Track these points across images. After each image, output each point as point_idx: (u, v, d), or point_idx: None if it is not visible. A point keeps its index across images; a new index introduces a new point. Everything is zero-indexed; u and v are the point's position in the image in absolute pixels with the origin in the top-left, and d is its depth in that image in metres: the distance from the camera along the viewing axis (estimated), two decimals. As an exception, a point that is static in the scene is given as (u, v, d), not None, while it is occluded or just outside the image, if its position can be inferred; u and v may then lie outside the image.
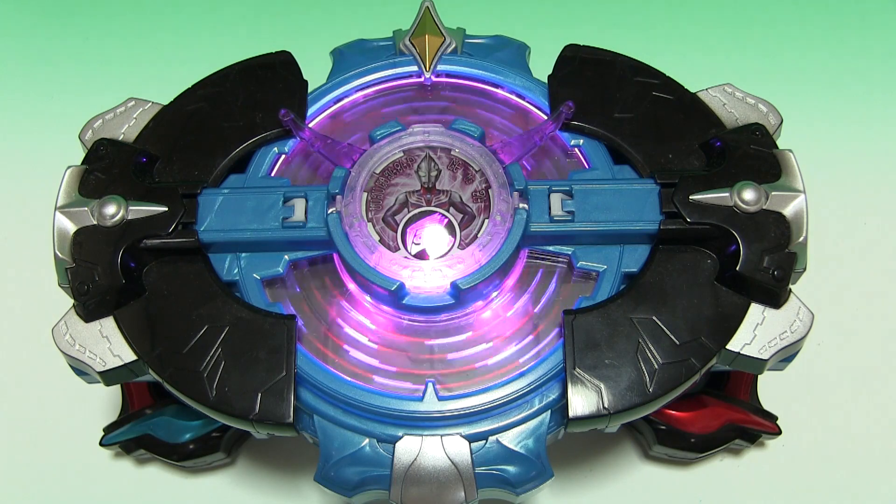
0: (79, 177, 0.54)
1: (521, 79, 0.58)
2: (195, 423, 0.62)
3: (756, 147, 0.53)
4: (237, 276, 0.52)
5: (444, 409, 0.49)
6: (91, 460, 0.67)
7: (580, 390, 0.48)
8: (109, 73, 0.86)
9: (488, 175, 0.53)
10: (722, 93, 0.56)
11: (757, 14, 0.89)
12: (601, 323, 0.49)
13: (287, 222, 0.52)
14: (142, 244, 0.52)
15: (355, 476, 0.49)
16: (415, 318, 0.52)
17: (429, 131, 0.55)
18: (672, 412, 0.62)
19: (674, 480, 0.66)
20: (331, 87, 0.59)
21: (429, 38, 0.59)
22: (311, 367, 0.50)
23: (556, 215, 0.52)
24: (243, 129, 0.56)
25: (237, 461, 0.67)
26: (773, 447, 0.67)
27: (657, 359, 0.48)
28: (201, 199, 0.53)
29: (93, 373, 0.51)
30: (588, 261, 0.52)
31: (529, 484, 0.49)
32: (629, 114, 0.55)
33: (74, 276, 0.51)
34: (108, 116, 0.57)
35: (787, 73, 0.84)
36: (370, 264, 0.51)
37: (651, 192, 0.52)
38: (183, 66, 0.85)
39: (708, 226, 0.51)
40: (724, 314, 0.50)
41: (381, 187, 0.54)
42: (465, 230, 0.53)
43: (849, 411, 0.68)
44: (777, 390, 0.67)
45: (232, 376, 0.49)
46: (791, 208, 0.51)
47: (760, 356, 0.49)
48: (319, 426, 0.50)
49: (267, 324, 0.50)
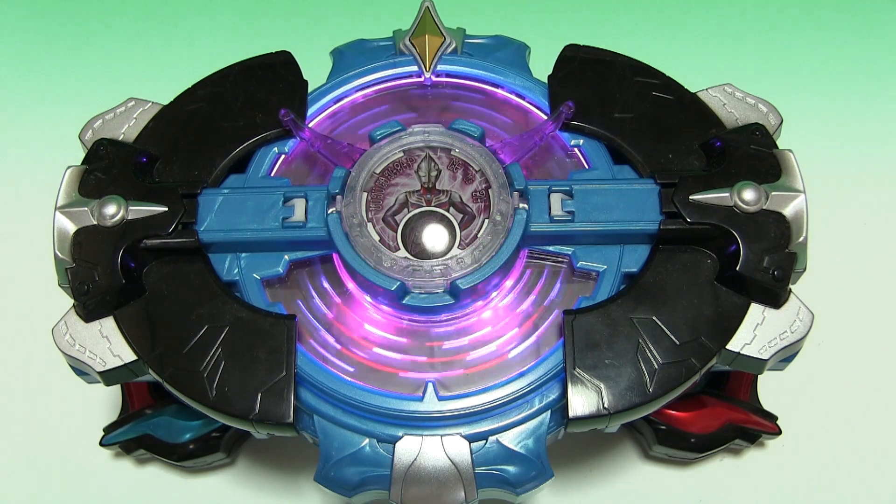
0: (79, 177, 0.54)
1: (521, 79, 0.58)
2: (195, 423, 0.62)
3: (756, 147, 0.53)
4: (237, 276, 0.52)
5: (444, 409, 0.49)
6: (91, 460, 0.67)
7: (580, 390, 0.48)
8: (109, 73, 0.86)
9: (488, 175, 0.53)
10: (722, 93, 0.56)
11: (757, 14, 0.89)
12: (601, 323, 0.49)
13: (287, 222, 0.52)
14: (142, 244, 0.52)
15: (355, 476, 0.49)
16: (415, 318, 0.52)
17: (429, 131, 0.55)
18: (672, 412, 0.62)
19: (674, 480, 0.66)
20: (331, 87, 0.59)
21: (429, 38, 0.59)
22: (311, 367, 0.50)
23: (556, 215, 0.52)
24: (243, 129, 0.56)
25: (237, 461, 0.67)
26: (773, 447, 0.67)
27: (657, 359, 0.48)
28: (201, 199, 0.53)
29: (93, 373, 0.51)
30: (588, 261, 0.52)
31: (529, 484, 0.49)
32: (629, 114, 0.55)
33: (74, 276, 0.51)
34: (108, 116, 0.57)
35: (787, 73, 0.84)
36: (370, 264, 0.51)
37: (651, 192, 0.52)
38: (183, 66, 0.85)
39: (708, 226, 0.51)
40: (724, 314, 0.50)
41: (381, 187, 0.54)
42: (465, 230, 0.53)
43: (849, 411, 0.68)
44: (777, 390, 0.67)
45: (232, 376, 0.49)
46: (791, 208, 0.51)
47: (760, 356, 0.49)
48: (319, 426, 0.50)
49: (267, 324, 0.50)
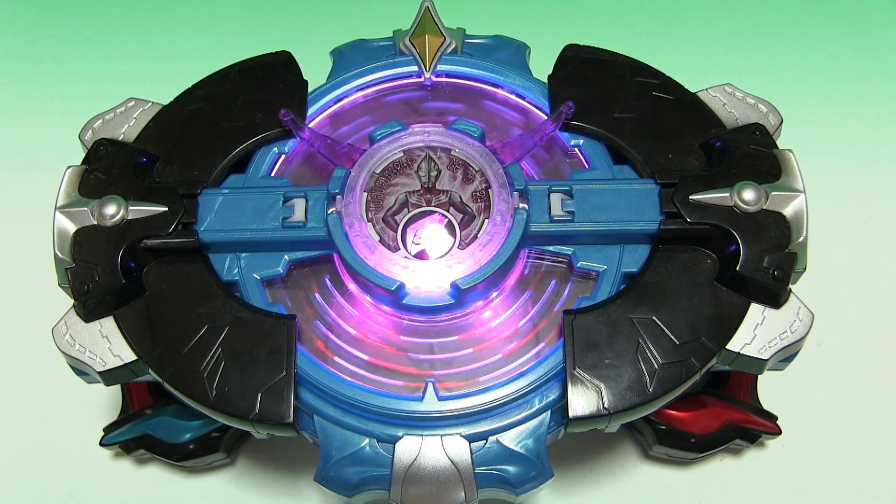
0: (79, 177, 0.54)
1: (521, 79, 0.58)
2: (195, 423, 0.62)
3: (756, 147, 0.53)
4: (237, 276, 0.52)
5: (444, 409, 0.49)
6: (91, 460, 0.67)
7: (580, 390, 0.48)
8: (109, 73, 0.86)
9: (488, 175, 0.53)
10: (722, 93, 0.56)
11: (757, 14, 0.89)
12: (601, 323, 0.49)
13: (287, 222, 0.52)
14: (142, 244, 0.52)
15: (355, 476, 0.49)
16: (415, 318, 0.52)
17: (429, 131, 0.55)
18: (672, 412, 0.62)
19: (674, 480, 0.66)
20: (331, 87, 0.59)
21: (429, 38, 0.59)
22: (311, 367, 0.50)
23: (556, 215, 0.52)
24: (243, 129, 0.56)
25: (237, 461, 0.67)
26: (773, 447, 0.67)
27: (657, 359, 0.48)
28: (201, 199, 0.53)
29: (93, 373, 0.51)
30: (588, 261, 0.52)
31: (529, 484, 0.49)
32: (629, 114, 0.55)
33: (74, 276, 0.51)
34: (108, 116, 0.57)
35: (787, 73, 0.84)
36: (370, 264, 0.51)
37: (651, 192, 0.52)
38: (183, 66, 0.85)
39: (708, 226, 0.51)
40: (724, 314, 0.50)
41: (381, 187, 0.54)
42: (465, 230, 0.53)
43: (849, 411, 0.68)
44: (777, 390, 0.67)
45: (232, 376, 0.49)
46: (791, 208, 0.51)
47: (760, 356, 0.49)
48: (319, 426, 0.50)
49: (267, 324, 0.50)
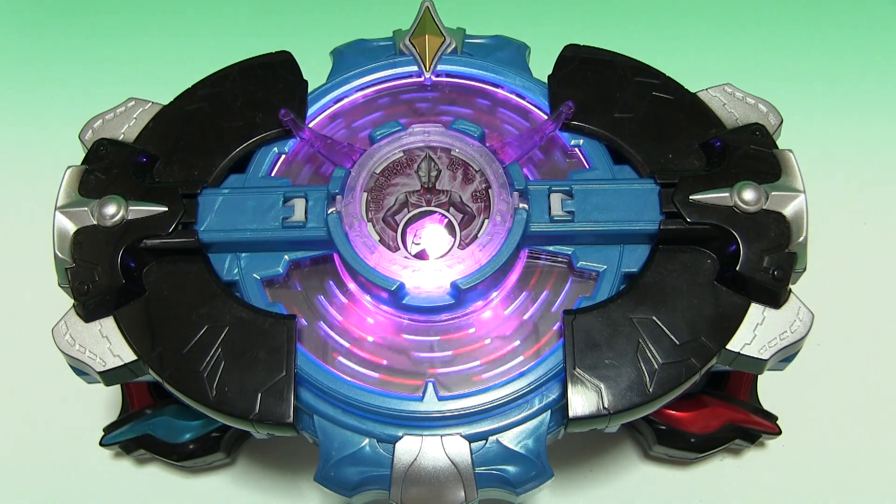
0: (79, 177, 0.54)
1: (521, 79, 0.58)
2: (195, 423, 0.62)
3: (756, 147, 0.53)
4: (237, 276, 0.52)
5: (444, 409, 0.49)
6: (91, 460, 0.67)
7: (580, 390, 0.48)
8: (109, 73, 0.86)
9: (488, 175, 0.53)
10: (722, 93, 0.56)
11: (757, 14, 0.89)
12: (601, 323, 0.49)
13: (287, 222, 0.52)
14: (142, 244, 0.52)
15: (355, 476, 0.49)
16: (415, 318, 0.52)
17: (429, 131, 0.55)
18: (672, 412, 0.62)
19: (674, 480, 0.66)
20: (331, 87, 0.59)
21: (429, 38, 0.59)
22: (311, 367, 0.50)
23: (556, 215, 0.52)
24: (243, 129, 0.56)
25: (237, 461, 0.67)
26: (773, 447, 0.67)
27: (657, 359, 0.48)
28: (201, 199, 0.53)
29: (93, 373, 0.51)
30: (588, 261, 0.52)
31: (529, 484, 0.49)
32: (629, 114, 0.55)
33: (74, 276, 0.51)
34: (108, 116, 0.57)
35: (787, 73, 0.84)
36: (370, 264, 0.51)
37: (651, 192, 0.52)
38: (183, 66, 0.85)
39: (708, 226, 0.51)
40: (724, 314, 0.50)
41: (381, 187, 0.54)
42: (465, 230, 0.53)
43: (849, 411, 0.68)
44: (777, 390, 0.67)
45: (232, 376, 0.49)
46: (791, 208, 0.51)
47: (760, 356, 0.49)
48: (319, 426, 0.50)
49: (267, 324, 0.50)
